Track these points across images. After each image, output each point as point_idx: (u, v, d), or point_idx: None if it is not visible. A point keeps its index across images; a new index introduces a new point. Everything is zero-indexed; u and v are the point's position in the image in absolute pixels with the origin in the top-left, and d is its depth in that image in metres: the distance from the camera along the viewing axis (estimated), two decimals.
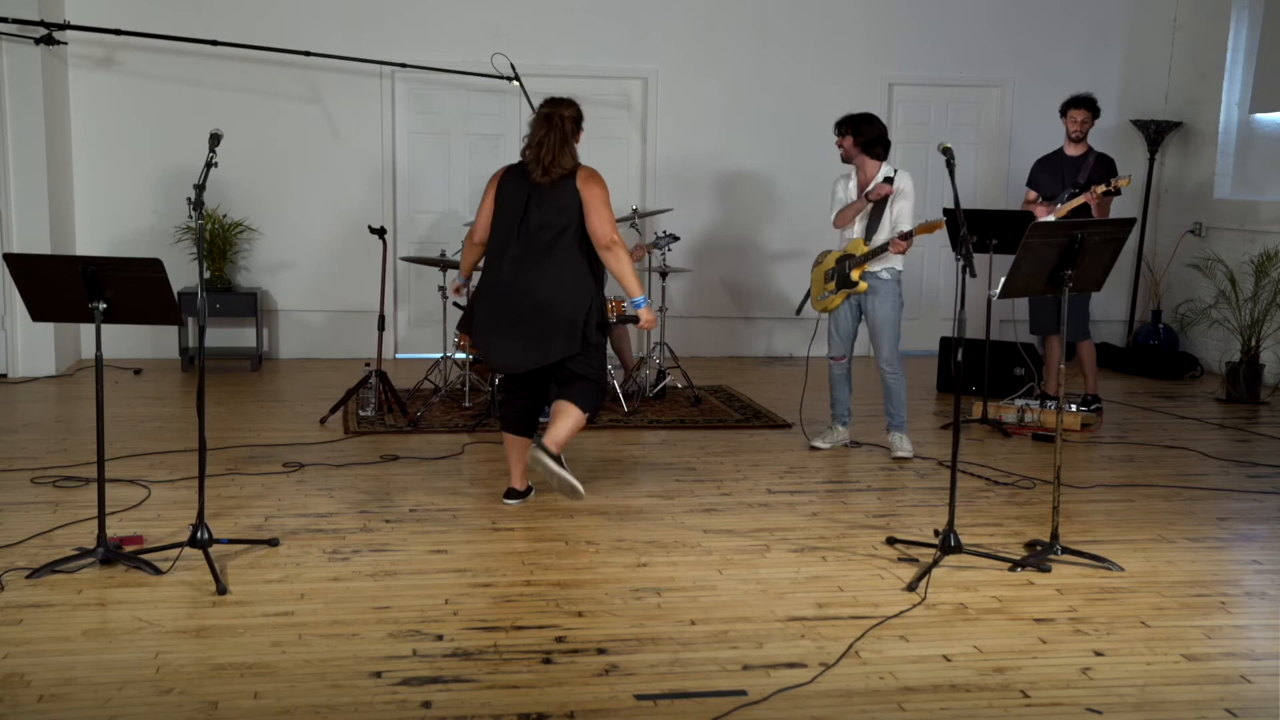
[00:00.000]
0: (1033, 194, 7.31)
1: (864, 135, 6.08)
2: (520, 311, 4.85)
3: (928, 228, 5.86)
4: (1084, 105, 7.20)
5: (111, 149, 8.67)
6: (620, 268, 4.88)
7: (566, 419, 4.92)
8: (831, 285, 6.25)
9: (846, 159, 6.20)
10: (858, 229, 6.17)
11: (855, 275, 6.09)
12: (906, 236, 5.90)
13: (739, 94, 9.34)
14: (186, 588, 4.10)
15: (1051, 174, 7.28)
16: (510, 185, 4.95)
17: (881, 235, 6.05)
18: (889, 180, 6.05)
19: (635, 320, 5.06)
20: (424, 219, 9.20)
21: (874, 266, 6.09)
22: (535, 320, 4.85)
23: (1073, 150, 7.27)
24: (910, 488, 5.64)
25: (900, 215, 6.04)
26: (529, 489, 5.29)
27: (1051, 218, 6.94)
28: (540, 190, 4.86)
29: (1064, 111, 7.28)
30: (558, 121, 4.87)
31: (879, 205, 6.09)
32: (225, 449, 6.07)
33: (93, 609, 3.91)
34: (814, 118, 9.47)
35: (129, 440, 6.22)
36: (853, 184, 6.26)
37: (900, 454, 6.21)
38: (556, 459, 4.90)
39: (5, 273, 6.63)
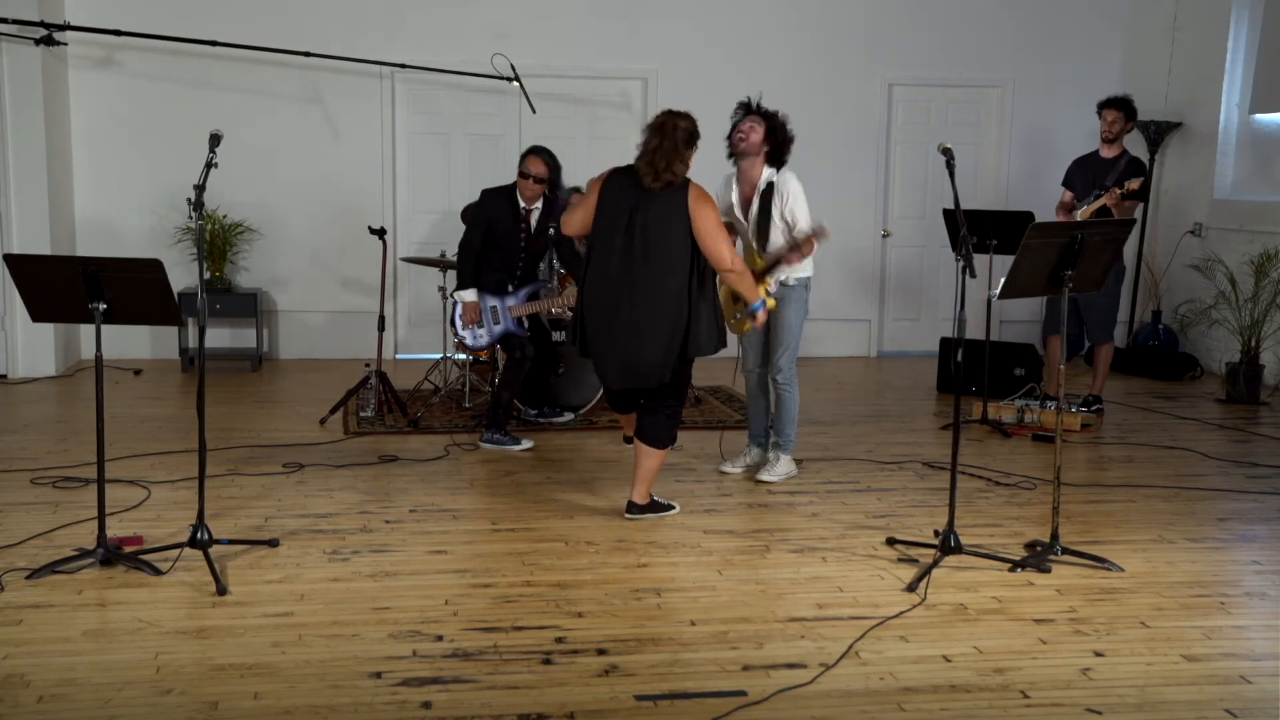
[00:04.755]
0: (1068, 195, 7.27)
1: (778, 136, 5.42)
2: (621, 328, 4.81)
3: (808, 245, 5.27)
4: (1115, 106, 7.16)
5: (111, 149, 8.66)
6: (742, 287, 4.98)
7: (646, 469, 5.02)
8: (740, 306, 5.38)
9: (742, 153, 5.43)
10: (745, 239, 5.56)
11: (763, 293, 5.25)
12: (796, 248, 5.27)
13: (739, 94, 9.28)
14: (186, 588, 4.10)
15: (1085, 175, 7.25)
16: (616, 191, 4.84)
17: (775, 240, 5.43)
18: (771, 185, 5.41)
19: (753, 316, 5.14)
20: (424, 219, 9.19)
21: (780, 274, 5.42)
22: (637, 338, 4.80)
23: (1106, 152, 7.24)
24: (910, 488, 5.64)
25: (795, 218, 5.38)
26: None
27: (1078, 216, 6.93)
28: (650, 199, 4.76)
29: (1098, 112, 7.26)
30: (670, 129, 4.78)
31: (764, 210, 5.42)
32: (225, 449, 6.06)
33: (93, 609, 3.91)
34: (814, 118, 9.46)
35: (129, 440, 6.22)
36: (735, 194, 5.57)
37: (766, 477, 5.62)
38: (646, 508, 5.06)
39: (5, 273, 6.63)
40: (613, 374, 4.93)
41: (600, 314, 4.88)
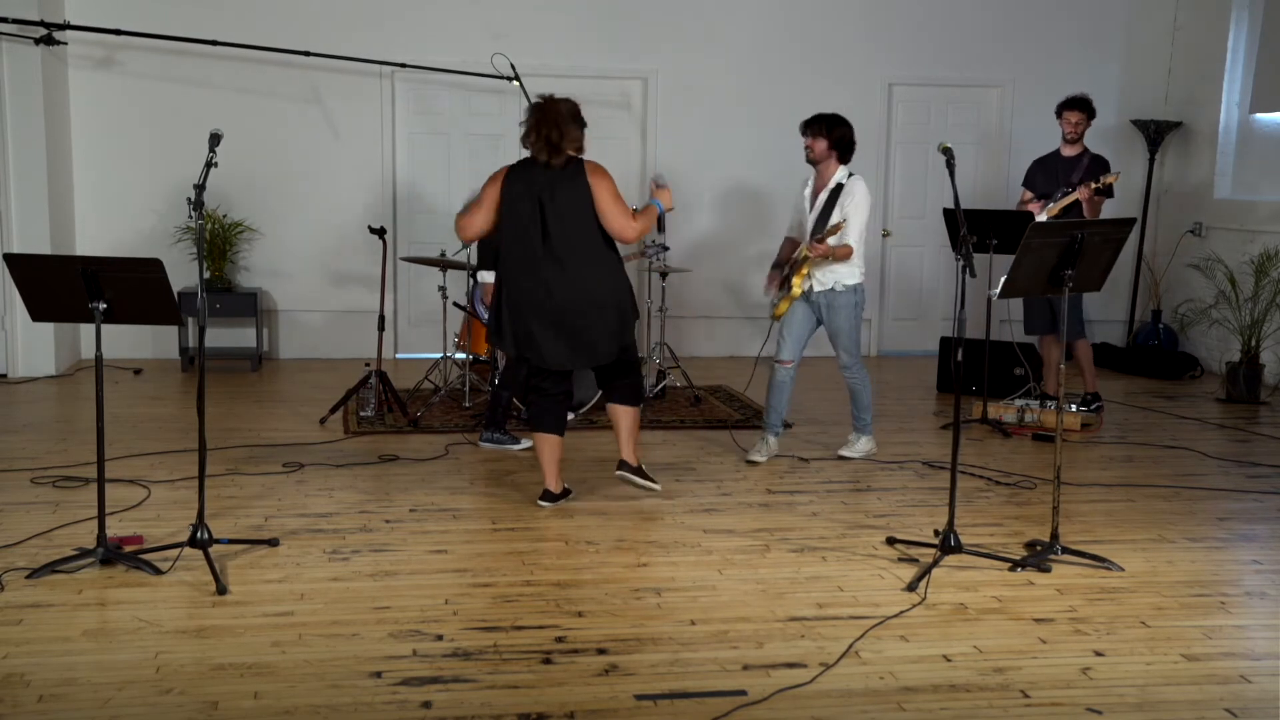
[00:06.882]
0: (1028, 194, 7.35)
1: (835, 136, 5.83)
2: (562, 310, 4.89)
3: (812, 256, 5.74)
4: (1078, 107, 7.24)
5: (111, 149, 8.66)
6: (645, 233, 5.02)
7: (628, 428, 5.20)
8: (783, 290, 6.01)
9: (813, 161, 5.91)
10: (807, 231, 5.94)
11: (796, 282, 5.86)
12: (821, 241, 5.71)
13: (739, 94, 9.34)
14: (186, 588, 4.10)
15: (1047, 174, 7.31)
16: (517, 185, 4.91)
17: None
18: (840, 186, 5.82)
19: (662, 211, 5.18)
20: (424, 219, 9.19)
21: (826, 280, 5.83)
22: (580, 318, 4.91)
23: (1068, 151, 7.30)
24: (910, 488, 5.64)
25: (846, 216, 5.75)
26: (565, 491, 5.26)
27: (1043, 216, 6.96)
28: (553, 185, 4.85)
29: (1059, 113, 7.32)
30: (550, 107, 4.90)
31: (828, 206, 5.85)
32: (225, 449, 6.07)
33: (93, 609, 3.91)
34: None
35: (129, 440, 6.22)
36: (809, 189, 6.01)
37: (847, 453, 6.14)
38: (638, 471, 5.28)
39: (5, 273, 6.63)
40: (562, 355, 4.98)
41: (536, 310, 4.92)
